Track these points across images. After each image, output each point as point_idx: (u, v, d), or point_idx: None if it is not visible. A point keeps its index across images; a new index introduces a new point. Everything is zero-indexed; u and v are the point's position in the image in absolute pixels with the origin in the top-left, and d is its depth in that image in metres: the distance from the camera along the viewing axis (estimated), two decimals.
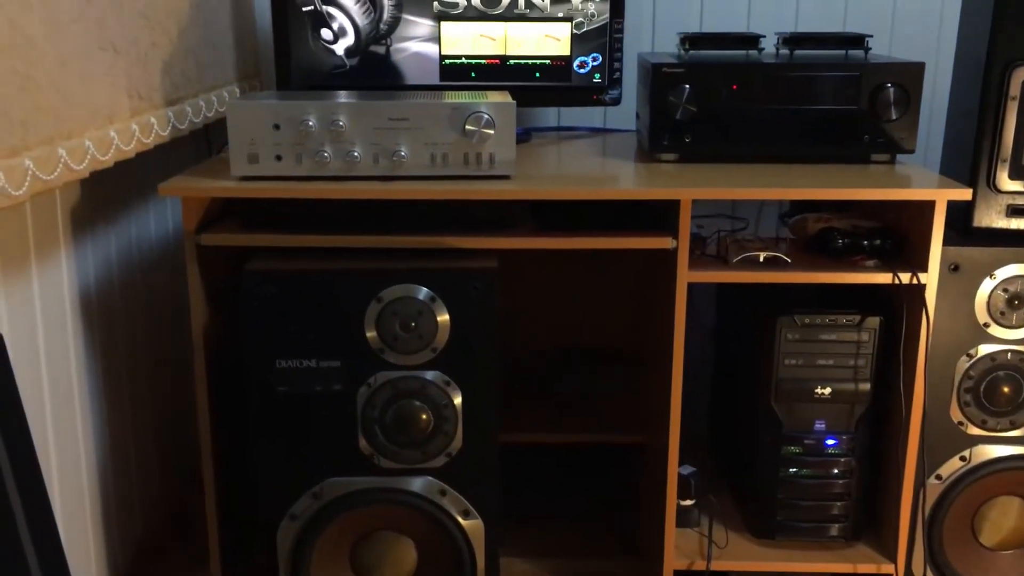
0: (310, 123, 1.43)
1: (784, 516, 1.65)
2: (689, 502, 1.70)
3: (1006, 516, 1.65)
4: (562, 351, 2.06)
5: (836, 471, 1.63)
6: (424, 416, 1.45)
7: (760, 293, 1.63)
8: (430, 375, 1.45)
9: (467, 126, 1.45)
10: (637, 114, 1.87)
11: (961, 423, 1.60)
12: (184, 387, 1.85)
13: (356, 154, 1.46)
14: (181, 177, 1.50)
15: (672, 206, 1.48)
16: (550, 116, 2.13)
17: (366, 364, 1.44)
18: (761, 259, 1.54)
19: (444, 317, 1.43)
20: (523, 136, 1.88)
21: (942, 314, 1.54)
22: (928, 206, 1.48)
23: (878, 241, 1.55)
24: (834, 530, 1.65)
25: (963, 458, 1.61)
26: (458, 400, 1.46)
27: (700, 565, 1.63)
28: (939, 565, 1.64)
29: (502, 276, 1.44)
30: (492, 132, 1.46)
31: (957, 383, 1.58)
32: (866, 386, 1.59)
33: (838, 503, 1.64)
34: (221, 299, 1.56)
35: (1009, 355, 1.56)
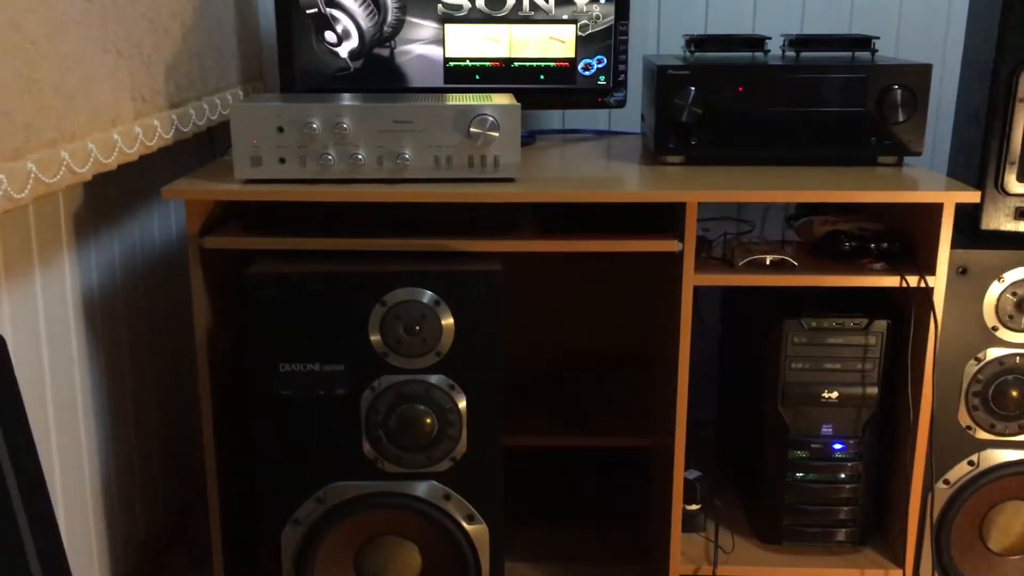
0: (314, 126, 1.43)
1: (791, 521, 1.64)
2: (695, 506, 1.69)
3: (1014, 521, 1.63)
4: (567, 355, 2.05)
5: (843, 475, 1.62)
6: (428, 420, 1.44)
7: (766, 296, 1.62)
8: (434, 379, 1.44)
9: (472, 128, 1.45)
10: (642, 116, 1.87)
11: (969, 427, 1.59)
12: (187, 390, 1.85)
13: (360, 157, 1.45)
14: (184, 180, 1.49)
15: (678, 209, 1.47)
16: (554, 119, 2.12)
17: (370, 368, 1.43)
18: (767, 262, 1.53)
19: (448, 320, 1.42)
20: (527, 139, 1.87)
21: (950, 317, 1.53)
22: (936, 209, 1.47)
23: (885, 244, 1.53)
24: (841, 535, 1.64)
25: (971, 462, 1.60)
26: (462, 404, 1.45)
27: (706, 570, 1.62)
28: (947, 570, 1.63)
29: (507, 279, 1.43)
30: (497, 134, 1.45)
31: (965, 387, 1.57)
32: (873, 390, 1.58)
33: (845, 508, 1.63)
34: (224, 302, 1.55)
35: (1018, 359, 1.55)
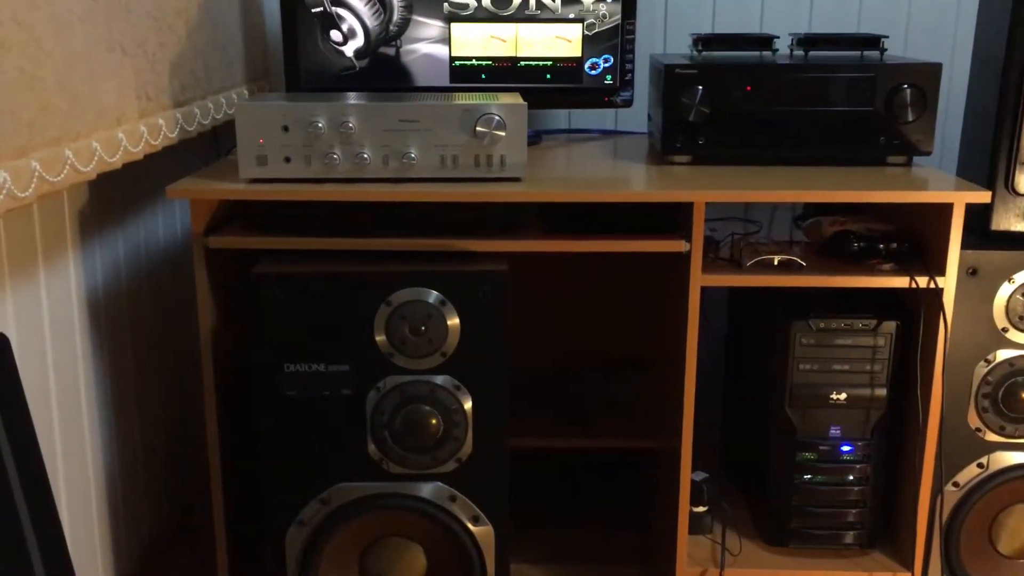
0: (319, 125, 1.42)
1: (798, 523, 1.63)
2: (702, 508, 1.68)
3: None
4: (573, 356, 2.04)
5: (851, 477, 1.61)
6: (434, 421, 1.43)
7: (774, 297, 1.61)
8: (440, 379, 1.43)
9: (478, 128, 1.44)
10: (649, 116, 1.86)
11: (979, 429, 1.57)
12: (191, 390, 1.84)
13: (366, 156, 1.44)
14: (189, 179, 1.49)
15: (685, 209, 1.46)
16: (560, 118, 2.11)
17: (375, 368, 1.42)
18: (775, 262, 1.52)
19: (454, 321, 1.42)
20: (533, 139, 1.86)
21: (960, 318, 1.52)
22: (946, 209, 1.45)
23: (894, 244, 1.52)
24: (849, 537, 1.63)
25: (981, 465, 1.59)
26: (468, 405, 1.44)
27: (713, 572, 1.61)
28: (956, 573, 1.62)
29: (512, 279, 1.42)
30: (503, 134, 1.44)
31: (975, 389, 1.56)
32: (882, 392, 1.57)
33: (853, 510, 1.62)
34: (229, 302, 1.55)
35: None
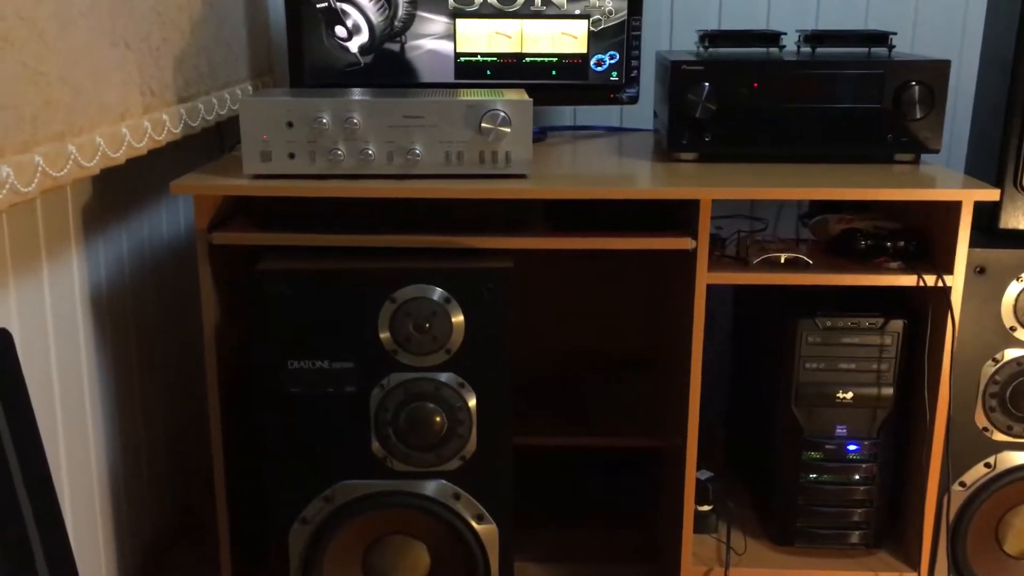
0: (324, 121, 1.42)
1: (804, 523, 1.62)
2: (707, 507, 1.67)
3: None
4: (578, 353, 2.03)
5: (857, 477, 1.60)
6: (438, 418, 1.43)
7: (780, 295, 1.60)
8: (444, 377, 1.43)
9: (483, 124, 1.43)
10: (655, 113, 1.85)
11: (986, 429, 1.57)
12: (195, 387, 1.84)
13: (370, 152, 1.44)
14: (193, 175, 1.48)
15: (691, 206, 1.45)
16: (566, 115, 2.11)
17: (379, 365, 1.42)
18: (782, 260, 1.51)
19: (459, 318, 1.41)
20: (538, 135, 1.85)
21: (967, 317, 1.51)
22: (954, 207, 1.45)
23: (902, 242, 1.51)
24: (855, 537, 1.62)
25: (988, 465, 1.58)
26: (472, 402, 1.43)
27: (718, 572, 1.60)
28: (962, 574, 1.61)
29: (517, 277, 1.42)
30: (508, 130, 1.43)
31: (982, 388, 1.55)
32: (889, 391, 1.56)
33: (859, 510, 1.61)
34: (233, 298, 1.54)
35: None
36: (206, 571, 1.63)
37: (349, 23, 1.77)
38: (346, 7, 1.76)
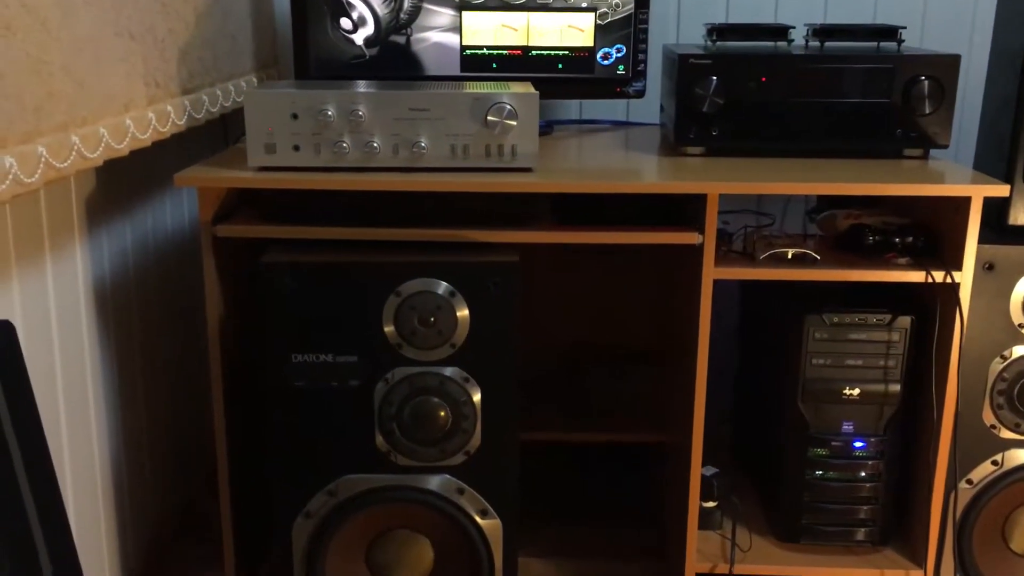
0: (329, 113, 1.41)
1: (809, 520, 1.61)
2: (712, 504, 1.67)
3: None
4: (583, 348, 2.03)
5: (864, 474, 1.59)
6: (442, 413, 1.42)
7: (787, 291, 1.59)
8: (449, 371, 1.42)
9: (489, 117, 1.42)
10: (661, 107, 1.84)
11: (994, 426, 1.56)
12: (199, 381, 1.83)
13: (375, 145, 1.43)
14: (197, 167, 1.48)
15: (698, 200, 1.44)
16: (572, 109, 2.10)
17: (384, 359, 1.41)
18: (789, 256, 1.50)
19: (464, 312, 1.40)
20: (545, 129, 1.85)
21: (976, 314, 1.50)
22: (963, 203, 1.43)
23: (910, 238, 1.50)
24: (861, 534, 1.61)
25: (995, 462, 1.57)
26: (477, 397, 1.43)
27: (723, 568, 1.60)
28: (968, 571, 1.60)
29: (523, 271, 1.41)
30: (514, 123, 1.42)
31: (990, 385, 1.54)
32: (896, 387, 1.55)
33: (865, 507, 1.60)
34: (237, 291, 1.54)
35: None
36: (209, 565, 1.62)
37: (355, 15, 1.76)
38: None
